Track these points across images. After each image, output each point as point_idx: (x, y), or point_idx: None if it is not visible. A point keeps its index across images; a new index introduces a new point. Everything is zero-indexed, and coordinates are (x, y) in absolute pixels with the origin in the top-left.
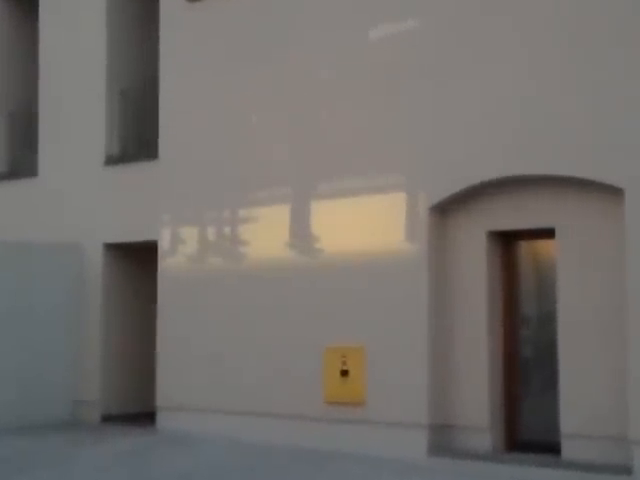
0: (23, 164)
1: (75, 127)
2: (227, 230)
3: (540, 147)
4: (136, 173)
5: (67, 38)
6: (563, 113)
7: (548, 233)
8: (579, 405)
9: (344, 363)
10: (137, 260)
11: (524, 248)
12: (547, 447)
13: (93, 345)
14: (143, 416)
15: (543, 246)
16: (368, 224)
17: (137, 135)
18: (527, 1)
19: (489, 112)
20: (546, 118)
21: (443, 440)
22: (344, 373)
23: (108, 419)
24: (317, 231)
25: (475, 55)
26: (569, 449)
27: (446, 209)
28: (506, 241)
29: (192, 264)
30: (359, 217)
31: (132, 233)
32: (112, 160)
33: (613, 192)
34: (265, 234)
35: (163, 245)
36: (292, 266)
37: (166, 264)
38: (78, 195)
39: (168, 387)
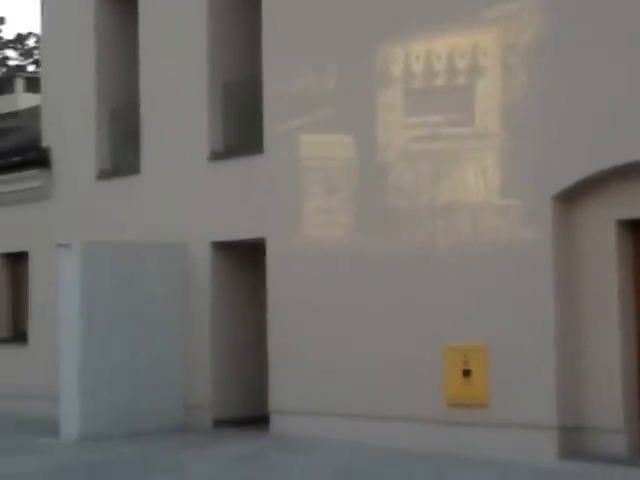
0: (126, 162)
1: (178, 123)
2: (338, 225)
3: None
4: (241, 169)
5: (168, 34)
6: None
7: None
8: None
9: (466, 363)
10: (245, 258)
11: None
12: None
13: (203, 348)
14: (256, 420)
15: None
16: (490, 214)
17: (241, 130)
18: None
19: (620, 91)
20: None
21: (574, 443)
22: (466, 373)
23: (220, 424)
24: (435, 224)
25: (602, 34)
26: None
27: (573, 196)
28: (638, 230)
29: (301, 261)
30: (479, 206)
31: (239, 231)
32: (216, 156)
33: None
34: (379, 229)
35: (271, 243)
36: (409, 261)
37: (275, 262)
38: (182, 192)
39: (281, 390)
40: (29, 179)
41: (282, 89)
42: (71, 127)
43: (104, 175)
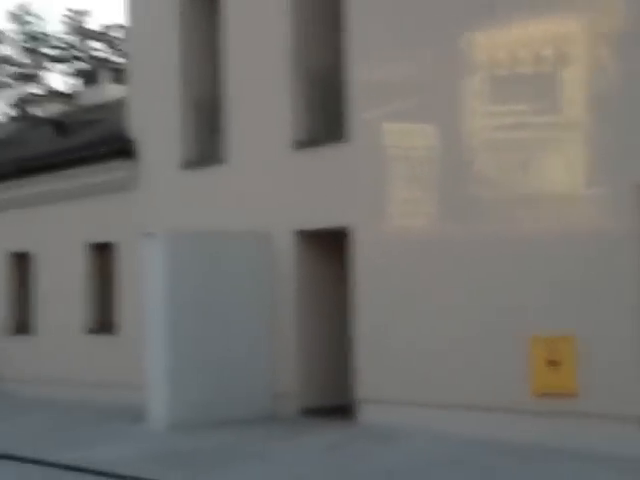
0: (210, 152)
1: (262, 113)
2: (422, 214)
3: None
4: (325, 157)
5: (252, 24)
6: None
7: None
8: None
9: (553, 353)
10: (329, 247)
11: None
12: None
13: (288, 336)
14: (343, 409)
15: None
16: (575, 202)
17: (324, 118)
18: None
19: None
20: None
21: None
22: (553, 363)
23: (307, 412)
24: (519, 213)
25: None
26: None
27: None
28: None
29: (386, 250)
30: (565, 195)
31: (323, 219)
32: (300, 144)
33: None
34: (463, 218)
35: (355, 231)
36: (494, 250)
37: (359, 250)
38: (266, 181)
39: (367, 379)
40: (115, 170)
41: (366, 77)
42: (156, 118)
43: (189, 165)
